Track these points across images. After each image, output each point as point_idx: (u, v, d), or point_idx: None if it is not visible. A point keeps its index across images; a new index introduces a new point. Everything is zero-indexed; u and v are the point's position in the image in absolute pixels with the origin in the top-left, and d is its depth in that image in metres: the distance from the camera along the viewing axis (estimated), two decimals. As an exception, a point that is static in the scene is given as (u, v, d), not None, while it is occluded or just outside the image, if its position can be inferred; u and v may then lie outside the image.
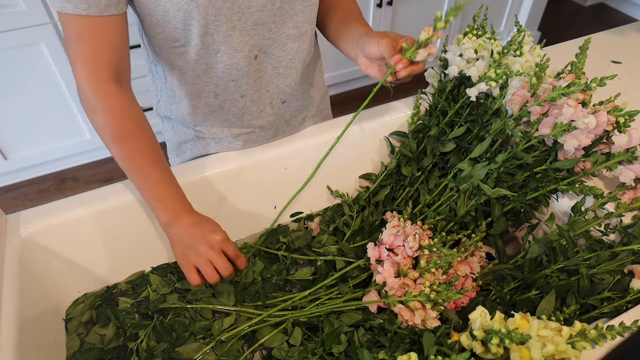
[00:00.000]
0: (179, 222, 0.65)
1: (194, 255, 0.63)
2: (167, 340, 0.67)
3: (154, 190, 0.65)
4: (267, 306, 0.71)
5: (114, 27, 0.62)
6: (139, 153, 0.65)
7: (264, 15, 0.69)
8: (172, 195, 0.66)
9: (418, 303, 0.62)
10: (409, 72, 0.63)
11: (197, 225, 0.65)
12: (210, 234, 0.63)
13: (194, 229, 0.64)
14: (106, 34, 0.62)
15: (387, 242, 0.68)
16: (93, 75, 0.62)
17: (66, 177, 2.04)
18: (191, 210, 0.67)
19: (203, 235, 0.63)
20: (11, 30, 1.55)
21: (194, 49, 0.70)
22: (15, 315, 0.59)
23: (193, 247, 0.63)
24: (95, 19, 0.60)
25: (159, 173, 0.66)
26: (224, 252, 0.64)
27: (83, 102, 0.65)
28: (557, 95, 0.65)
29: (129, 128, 0.65)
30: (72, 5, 0.58)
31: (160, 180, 0.66)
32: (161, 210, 0.65)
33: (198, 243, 0.63)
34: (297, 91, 0.84)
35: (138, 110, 0.67)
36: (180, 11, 0.64)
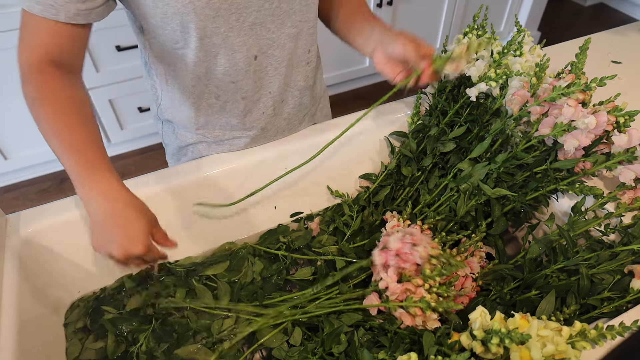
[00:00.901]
0: (94, 201, 0.58)
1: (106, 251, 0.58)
2: (167, 342, 0.66)
3: (71, 159, 0.59)
4: (265, 306, 0.71)
5: (70, 33, 0.62)
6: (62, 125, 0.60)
7: (261, 15, 0.69)
8: (87, 163, 0.59)
9: (418, 309, 0.62)
10: (431, 79, 0.66)
11: (114, 218, 0.57)
12: (128, 244, 0.57)
13: (111, 223, 0.57)
14: (60, 36, 0.61)
15: (394, 248, 0.67)
16: (35, 63, 0.62)
17: (66, 177, 2.02)
18: (111, 185, 0.59)
19: (118, 240, 0.57)
20: (11, 31, 1.55)
21: (193, 51, 0.69)
22: (15, 316, 0.59)
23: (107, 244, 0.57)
24: (57, 24, 0.60)
25: (79, 142, 0.59)
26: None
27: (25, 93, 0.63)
28: (557, 95, 0.65)
29: (53, 95, 0.61)
30: (40, 7, 0.58)
31: (78, 149, 0.59)
32: (75, 180, 0.59)
33: (112, 245, 0.57)
34: (297, 91, 0.84)
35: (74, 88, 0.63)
36: (178, 14, 0.64)
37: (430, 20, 2.40)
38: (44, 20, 0.60)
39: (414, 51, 0.65)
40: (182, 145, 0.88)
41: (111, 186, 0.59)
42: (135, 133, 2.04)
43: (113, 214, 0.58)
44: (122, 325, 0.68)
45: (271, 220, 0.84)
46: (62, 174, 2.05)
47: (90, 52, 1.72)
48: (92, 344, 0.67)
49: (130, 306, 0.70)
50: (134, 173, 0.74)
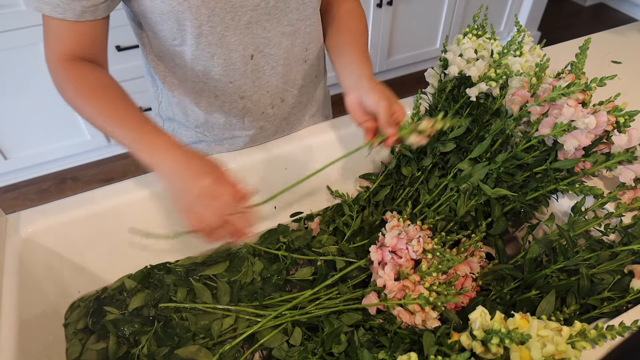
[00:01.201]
0: (161, 162, 0.59)
1: (183, 203, 0.58)
2: (168, 345, 0.66)
3: (127, 134, 0.61)
4: (265, 306, 0.71)
5: (87, 29, 0.63)
6: (105, 107, 0.62)
7: (257, 14, 0.69)
8: (145, 133, 0.61)
9: (417, 306, 0.62)
10: (394, 144, 0.65)
11: (182, 164, 0.58)
12: (196, 179, 0.57)
13: (180, 171, 0.58)
14: (77, 34, 0.63)
15: (390, 244, 0.68)
16: (58, 60, 0.64)
17: (66, 177, 2.04)
18: (172, 146, 0.60)
19: (189, 180, 0.57)
20: (11, 30, 1.55)
21: (190, 49, 0.70)
22: (15, 316, 0.59)
23: (183, 194, 0.58)
24: (70, 22, 0.61)
25: (129, 118, 0.62)
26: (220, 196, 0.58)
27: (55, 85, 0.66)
28: (557, 95, 0.65)
29: (91, 87, 0.63)
30: (49, 8, 0.60)
31: (131, 123, 0.61)
32: (139, 151, 0.60)
33: (187, 189, 0.57)
34: (295, 89, 0.84)
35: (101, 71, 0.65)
36: (173, 12, 0.64)
37: (430, 20, 2.40)
38: (55, 20, 0.61)
39: (385, 111, 0.63)
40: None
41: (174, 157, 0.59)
42: (135, 133, 2.04)
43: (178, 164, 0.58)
44: (124, 327, 0.68)
45: (271, 220, 0.84)
46: (62, 174, 2.05)
47: (90, 52, 1.72)
48: (94, 345, 0.67)
49: (132, 306, 0.70)
50: (134, 173, 0.74)
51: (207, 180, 0.57)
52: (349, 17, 0.80)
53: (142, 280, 0.75)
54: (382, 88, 0.67)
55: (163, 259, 0.78)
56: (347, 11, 0.80)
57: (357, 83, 0.69)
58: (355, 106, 0.68)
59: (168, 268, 0.77)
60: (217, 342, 0.67)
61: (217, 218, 0.58)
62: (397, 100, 0.66)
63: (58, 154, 1.96)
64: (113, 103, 0.63)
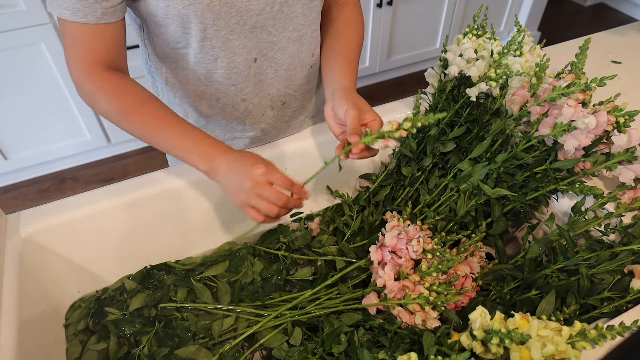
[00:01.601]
0: (218, 166, 0.62)
1: (244, 195, 0.60)
2: (168, 345, 0.66)
3: (180, 145, 0.64)
4: (266, 306, 0.71)
5: (108, 31, 0.63)
6: (150, 118, 0.65)
7: (262, 19, 0.69)
8: (198, 142, 0.64)
9: (417, 306, 0.62)
10: (361, 156, 0.62)
11: (236, 162, 0.62)
12: (251, 169, 0.60)
13: (233, 168, 0.61)
14: (100, 37, 0.63)
15: (390, 244, 0.68)
16: (85, 71, 0.64)
17: (66, 177, 2.04)
18: (226, 150, 0.64)
19: (244, 172, 0.60)
20: (11, 30, 1.55)
21: (193, 52, 0.70)
22: (15, 316, 0.59)
23: (239, 188, 0.60)
24: (91, 26, 0.61)
25: (177, 129, 0.64)
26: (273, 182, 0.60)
27: (84, 97, 0.66)
28: (557, 95, 0.65)
29: (131, 100, 0.65)
30: (69, 12, 0.60)
31: (182, 134, 0.64)
32: (195, 160, 0.63)
33: (242, 182, 0.60)
34: (298, 93, 0.84)
35: (135, 84, 0.67)
36: (178, 16, 0.64)
37: (430, 20, 2.40)
38: (76, 25, 0.61)
39: (353, 120, 0.62)
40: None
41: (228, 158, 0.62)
42: (135, 133, 2.04)
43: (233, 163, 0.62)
44: (125, 327, 0.68)
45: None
46: (62, 174, 2.05)
47: (90, 52, 1.72)
48: (94, 345, 0.67)
49: (133, 306, 0.70)
50: (134, 173, 0.74)
51: (259, 170, 0.60)
52: (346, 23, 0.79)
53: (142, 280, 0.75)
54: (354, 98, 0.65)
55: (163, 259, 0.78)
56: (346, 17, 0.80)
57: (333, 93, 0.68)
58: (329, 117, 0.67)
59: (168, 268, 0.77)
60: (217, 342, 0.67)
61: (273, 205, 0.60)
62: (371, 111, 0.64)
63: (58, 154, 1.96)
64: (157, 116, 0.65)
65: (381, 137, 0.58)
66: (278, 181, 0.61)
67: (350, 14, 0.80)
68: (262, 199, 0.60)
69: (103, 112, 0.65)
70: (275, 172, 0.61)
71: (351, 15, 0.80)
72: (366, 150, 0.61)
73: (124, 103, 0.64)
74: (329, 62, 0.76)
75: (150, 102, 0.66)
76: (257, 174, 0.60)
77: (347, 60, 0.75)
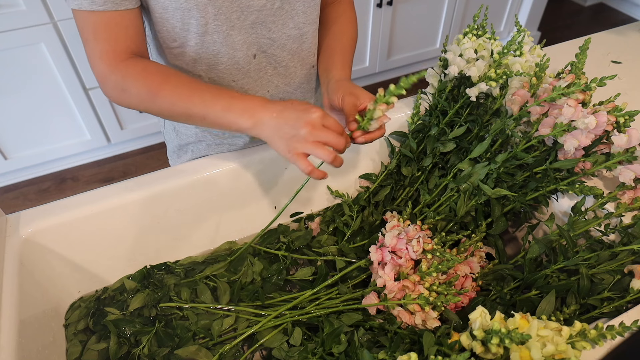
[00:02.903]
0: (263, 118, 0.59)
1: (299, 142, 0.56)
2: (169, 345, 0.66)
3: (217, 106, 0.60)
4: (266, 306, 0.71)
5: (129, 18, 0.62)
6: (180, 89, 0.62)
7: (263, 15, 0.69)
8: (237, 99, 0.61)
9: (417, 306, 0.62)
10: (366, 139, 0.61)
11: (286, 110, 0.58)
12: (307, 114, 0.56)
13: (285, 116, 0.58)
14: (121, 25, 0.62)
15: (390, 244, 0.68)
16: (112, 62, 0.63)
17: (66, 177, 2.04)
18: (266, 102, 0.60)
19: (299, 118, 0.56)
20: (11, 30, 1.55)
21: (193, 48, 0.69)
22: (15, 316, 0.59)
23: (295, 135, 0.56)
24: (111, 13, 0.60)
25: (212, 92, 0.62)
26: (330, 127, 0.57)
27: (111, 91, 0.64)
28: (557, 95, 0.65)
29: (159, 77, 0.63)
30: (88, 2, 0.59)
31: (218, 95, 0.61)
32: (237, 118, 0.60)
33: (298, 128, 0.56)
34: (297, 91, 0.84)
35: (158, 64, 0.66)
36: (179, 9, 0.64)
37: (430, 20, 2.40)
38: (96, 14, 0.60)
39: (349, 106, 0.62)
40: (182, 143, 0.88)
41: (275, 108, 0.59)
42: (135, 133, 2.05)
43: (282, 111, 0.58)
44: (125, 327, 0.68)
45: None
46: (62, 174, 2.05)
47: (90, 52, 1.72)
48: (95, 345, 0.67)
49: (133, 306, 0.70)
50: (134, 173, 0.74)
51: (315, 114, 0.57)
52: (340, 21, 0.80)
53: (142, 280, 0.75)
54: (349, 85, 0.66)
55: (163, 259, 0.78)
56: (340, 15, 0.81)
57: (327, 86, 0.69)
58: (328, 110, 0.68)
59: (168, 268, 0.77)
60: (217, 342, 0.67)
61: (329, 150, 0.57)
62: (367, 94, 0.63)
63: (58, 154, 1.96)
64: (187, 85, 0.62)
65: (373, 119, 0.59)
66: (332, 126, 0.57)
67: (344, 12, 0.81)
68: (319, 145, 0.56)
69: (133, 96, 0.63)
70: (330, 117, 0.58)
71: (345, 13, 0.81)
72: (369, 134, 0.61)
73: (152, 81, 0.62)
74: (324, 58, 0.77)
75: (178, 75, 0.64)
76: (315, 118, 0.56)
77: (341, 55, 0.76)
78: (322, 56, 0.79)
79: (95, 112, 1.89)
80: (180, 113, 0.63)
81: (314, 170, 0.57)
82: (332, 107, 0.67)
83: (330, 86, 0.68)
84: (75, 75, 1.75)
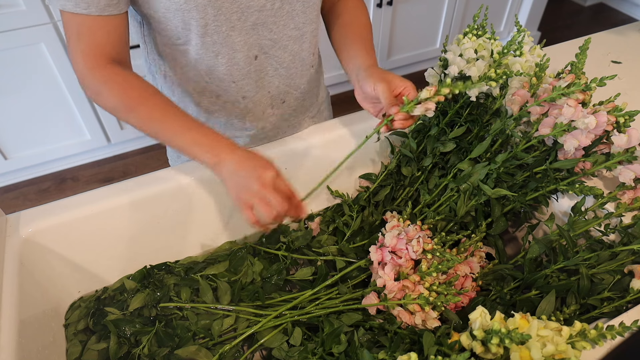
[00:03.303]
0: (224, 160, 0.61)
1: (247, 193, 0.59)
2: (169, 345, 0.66)
3: (187, 137, 0.63)
4: (266, 306, 0.71)
5: (113, 24, 0.63)
6: (157, 112, 0.64)
7: (263, 15, 0.69)
8: (206, 135, 0.63)
9: (417, 306, 0.62)
10: (405, 125, 0.63)
11: (247, 161, 0.61)
12: (262, 170, 0.59)
13: (243, 166, 0.60)
14: (104, 30, 0.63)
15: (390, 244, 0.68)
16: (91, 64, 0.64)
17: (66, 177, 2.04)
18: (234, 146, 0.63)
19: (255, 171, 0.59)
20: (11, 30, 1.55)
21: (194, 48, 0.70)
22: (15, 316, 0.59)
23: (245, 186, 0.59)
24: (94, 17, 0.61)
25: (184, 122, 0.64)
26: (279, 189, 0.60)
27: (87, 91, 0.65)
28: (557, 95, 0.65)
29: (138, 94, 0.64)
30: (72, 4, 0.59)
31: (189, 127, 0.63)
32: (203, 153, 0.62)
33: (250, 181, 0.59)
34: (297, 92, 0.84)
35: (140, 78, 0.67)
36: (180, 10, 0.64)
37: (430, 20, 2.40)
38: (79, 17, 0.61)
39: (385, 93, 0.63)
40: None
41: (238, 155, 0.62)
42: (135, 133, 2.05)
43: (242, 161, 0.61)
44: (125, 327, 0.68)
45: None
46: (62, 174, 2.05)
47: (90, 52, 1.72)
48: (95, 345, 0.67)
49: (133, 306, 0.70)
50: (134, 173, 0.74)
51: (270, 174, 0.59)
52: (352, 12, 0.81)
53: (142, 280, 0.75)
54: (380, 72, 0.67)
55: (163, 259, 0.78)
56: (352, 8, 0.81)
57: (357, 75, 0.70)
58: (361, 99, 0.69)
59: (168, 268, 0.77)
60: (217, 342, 0.67)
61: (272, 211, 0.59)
62: (399, 78, 0.65)
63: (58, 154, 1.96)
64: (164, 110, 0.64)
65: (420, 103, 0.61)
66: (283, 190, 0.60)
67: (356, 5, 0.82)
68: (264, 203, 0.59)
69: (109, 106, 0.65)
70: (283, 180, 0.61)
71: (357, 5, 0.82)
72: (408, 119, 0.63)
73: (131, 97, 0.64)
74: (346, 48, 0.77)
75: (157, 97, 0.65)
76: (268, 178, 0.59)
77: (363, 43, 0.76)
78: (344, 46, 0.78)
79: (95, 112, 1.89)
80: (148, 133, 0.65)
81: (256, 223, 0.60)
82: (365, 96, 0.68)
83: (361, 75, 0.68)
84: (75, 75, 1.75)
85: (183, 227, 0.79)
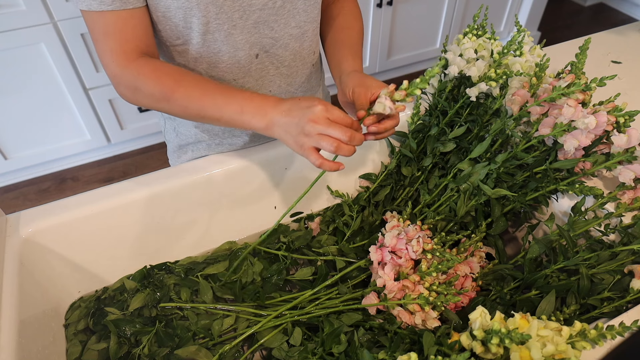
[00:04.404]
0: (273, 118, 0.60)
1: (305, 137, 0.58)
2: (169, 345, 0.66)
3: (232, 109, 0.62)
4: (266, 306, 0.71)
5: (137, 17, 0.63)
6: (194, 90, 0.63)
7: (265, 14, 0.69)
8: (248, 100, 0.62)
9: (417, 306, 0.62)
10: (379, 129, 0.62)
11: (292, 109, 0.59)
12: (308, 110, 0.57)
13: (291, 115, 0.59)
14: (129, 25, 0.63)
15: (390, 244, 0.68)
16: (122, 62, 0.64)
17: (66, 177, 2.04)
18: (277, 101, 0.61)
19: (303, 115, 0.58)
20: (11, 30, 1.55)
21: (195, 47, 0.70)
22: (15, 316, 0.59)
23: (301, 132, 0.58)
24: (119, 12, 0.61)
25: (222, 93, 0.63)
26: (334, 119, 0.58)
27: (124, 89, 0.65)
28: (557, 95, 0.65)
29: (172, 78, 0.64)
30: (97, 2, 0.60)
31: (229, 97, 0.62)
32: (249, 119, 0.61)
33: (302, 126, 0.58)
34: (298, 91, 0.84)
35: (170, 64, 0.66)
36: (181, 8, 0.64)
37: (430, 20, 2.40)
38: (106, 14, 0.61)
39: (360, 97, 0.62)
40: (182, 143, 0.88)
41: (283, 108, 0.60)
42: (135, 133, 2.05)
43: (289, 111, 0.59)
44: (125, 327, 0.68)
45: (271, 220, 0.84)
46: (62, 174, 2.05)
47: (90, 52, 1.72)
48: (94, 345, 0.67)
49: (133, 306, 0.70)
50: (134, 173, 0.74)
51: (316, 108, 0.57)
52: (347, 17, 0.81)
53: (142, 280, 0.75)
54: (360, 77, 0.66)
55: (163, 259, 0.78)
56: (346, 11, 0.81)
57: (340, 81, 0.70)
58: (344, 104, 0.69)
59: (168, 268, 0.77)
60: (217, 342, 0.67)
61: (338, 139, 0.57)
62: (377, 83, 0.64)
63: (58, 154, 1.96)
64: (201, 86, 0.64)
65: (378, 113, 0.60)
66: (338, 118, 0.58)
67: (349, 9, 0.82)
68: (325, 137, 0.57)
69: (146, 95, 0.65)
70: (334, 109, 0.58)
71: (350, 10, 0.82)
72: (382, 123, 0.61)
73: (166, 82, 0.63)
74: (334, 53, 0.77)
75: (190, 76, 0.65)
76: (316, 112, 0.57)
77: (350, 48, 0.76)
78: (332, 50, 0.78)
79: (95, 112, 1.89)
80: (193, 115, 0.65)
81: (324, 162, 0.58)
82: (346, 100, 0.67)
83: (342, 79, 0.69)
84: (75, 75, 1.75)
85: (183, 227, 0.79)
